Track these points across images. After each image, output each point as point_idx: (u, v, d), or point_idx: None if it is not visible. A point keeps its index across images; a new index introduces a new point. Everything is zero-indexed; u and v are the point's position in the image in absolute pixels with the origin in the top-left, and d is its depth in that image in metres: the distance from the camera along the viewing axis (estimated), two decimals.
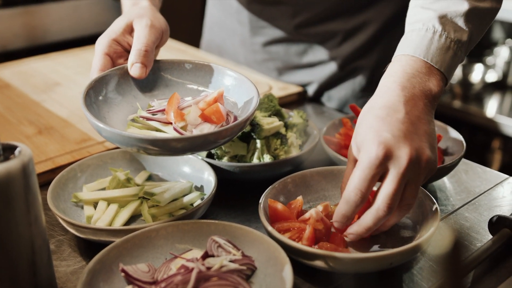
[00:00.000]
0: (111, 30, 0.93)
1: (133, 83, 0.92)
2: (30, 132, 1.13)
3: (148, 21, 0.91)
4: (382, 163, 0.72)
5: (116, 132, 0.77)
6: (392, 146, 0.73)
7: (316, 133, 1.04)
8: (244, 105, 0.89)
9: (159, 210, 0.86)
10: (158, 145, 0.76)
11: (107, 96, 0.89)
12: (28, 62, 1.56)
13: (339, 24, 1.34)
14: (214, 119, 0.84)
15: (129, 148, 0.79)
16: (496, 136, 2.44)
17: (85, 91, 0.85)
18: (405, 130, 0.74)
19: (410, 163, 0.72)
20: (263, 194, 0.84)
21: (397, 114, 0.76)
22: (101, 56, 0.91)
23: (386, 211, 0.73)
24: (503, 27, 2.74)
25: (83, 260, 0.80)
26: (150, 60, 0.91)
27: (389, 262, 0.72)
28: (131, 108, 0.91)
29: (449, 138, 1.03)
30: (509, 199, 0.94)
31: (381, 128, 0.75)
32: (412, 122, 0.75)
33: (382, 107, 0.77)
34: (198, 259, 0.71)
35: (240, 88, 0.92)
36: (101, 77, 0.89)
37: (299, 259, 0.74)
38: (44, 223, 0.67)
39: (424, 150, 0.74)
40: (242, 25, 1.42)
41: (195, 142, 0.77)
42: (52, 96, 1.32)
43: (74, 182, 0.92)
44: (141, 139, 0.76)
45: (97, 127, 0.79)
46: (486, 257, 0.76)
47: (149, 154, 0.80)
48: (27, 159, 0.63)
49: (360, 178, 0.74)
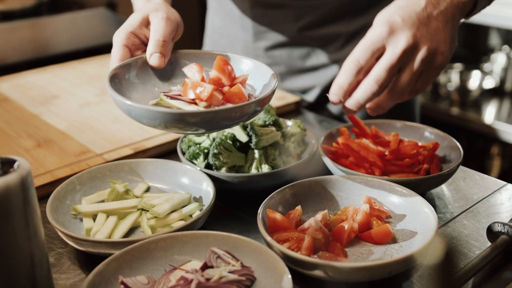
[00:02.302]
0: (128, 23, 0.95)
1: (152, 72, 0.95)
2: (29, 145, 1.14)
3: (164, 14, 0.94)
4: (383, 39, 0.80)
5: (150, 108, 0.78)
6: (397, 27, 0.80)
7: (314, 143, 1.05)
8: (263, 89, 0.91)
9: (158, 222, 0.86)
10: (189, 119, 0.78)
11: (129, 82, 0.92)
12: (26, 75, 1.56)
13: (341, 27, 1.36)
14: (237, 100, 0.86)
15: (157, 125, 0.80)
16: (494, 142, 2.45)
17: (110, 75, 0.87)
18: (416, 19, 0.81)
19: (408, 47, 0.79)
20: (262, 204, 0.84)
21: (416, 6, 0.82)
22: (120, 47, 0.93)
23: (374, 87, 0.80)
24: (499, 33, 2.75)
25: (83, 272, 0.80)
26: (168, 50, 0.93)
27: (388, 271, 0.72)
28: (151, 95, 0.93)
29: (446, 145, 1.03)
30: (507, 206, 0.95)
31: (395, 12, 0.82)
32: (427, 16, 0.82)
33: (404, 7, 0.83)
34: (197, 270, 0.72)
35: (257, 74, 0.94)
36: (123, 64, 0.91)
37: (298, 269, 0.74)
38: (43, 236, 0.67)
39: (428, 41, 0.80)
40: (245, 30, 1.43)
41: (220, 116, 0.79)
42: (50, 109, 1.32)
43: (73, 194, 0.92)
44: (173, 113, 0.77)
45: (126, 105, 0.80)
46: (485, 264, 0.76)
47: (178, 132, 0.82)
48: (25, 173, 0.63)
49: (360, 49, 0.81)
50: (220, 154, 0.95)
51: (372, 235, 0.83)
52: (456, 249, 0.83)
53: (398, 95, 0.83)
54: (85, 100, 1.37)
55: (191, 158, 0.99)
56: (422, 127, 1.08)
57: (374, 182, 0.90)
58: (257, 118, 1.04)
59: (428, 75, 0.85)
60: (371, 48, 0.80)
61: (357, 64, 0.81)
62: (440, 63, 0.84)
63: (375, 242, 0.83)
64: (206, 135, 1.03)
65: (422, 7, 0.83)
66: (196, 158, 0.99)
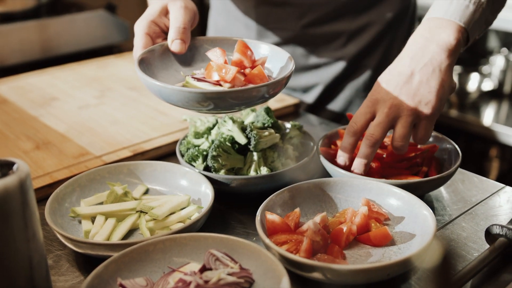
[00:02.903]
0: (148, 13, 0.99)
1: (174, 58, 0.99)
2: (28, 147, 1.14)
3: (182, 3, 0.98)
4: (373, 104, 0.93)
5: (182, 89, 0.83)
6: (383, 96, 0.93)
7: (313, 145, 1.05)
8: (280, 71, 0.96)
9: (156, 224, 0.86)
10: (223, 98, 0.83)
11: (154, 66, 0.95)
12: (25, 77, 1.56)
13: (343, 25, 1.39)
14: (258, 81, 0.90)
15: (187, 105, 0.85)
16: (493, 144, 2.45)
17: (138, 59, 0.91)
18: (400, 81, 0.92)
19: (391, 108, 0.92)
20: (260, 207, 0.84)
21: (402, 66, 0.94)
22: (143, 35, 0.97)
23: (368, 140, 0.92)
24: (498, 36, 2.75)
25: (81, 275, 0.80)
26: (188, 37, 0.98)
27: (387, 273, 0.72)
28: (175, 80, 0.96)
29: (445, 148, 1.03)
30: (505, 208, 0.95)
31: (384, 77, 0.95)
32: (411, 73, 0.93)
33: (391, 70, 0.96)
34: (196, 273, 0.72)
35: (274, 57, 0.98)
36: (149, 50, 0.95)
37: (296, 271, 0.74)
38: (42, 239, 0.67)
39: (408, 100, 0.91)
40: (249, 29, 1.44)
41: (250, 93, 0.84)
42: (49, 111, 1.32)
43: (71, 196, 0.92)
44: (206, 92, 0.82)
45: (157, 87, 0.84)
46: (483, 267, 0.76)
47: (204, 111, 0.86)
48: (24, 175, 0.63)
49: (356, 114, 0.95)
50: (219, 156, 0.95)
51: (370, 238, 0.83)
52: (454, 251, 0.83)
53: (401, 147, 0.93)
54: (84, 102, 1.37)
55: (190, 160, 0.99)
56: None
57: (372, 185, 0.90)
58: (256, 120, 1.04)
59: (423, 124, 0.93)
60: (365, 111, 0.94)
61: (353, 125, 0.94)
62: (428, 113, 0.92)
63: (373, 244, 0.83)
64: (205, 137, 1.03)
65: (406, 66, 0.94)
66: (195, 160, 0.99)
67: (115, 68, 1.62)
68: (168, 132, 1.20)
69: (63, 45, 1.97)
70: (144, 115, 1.29)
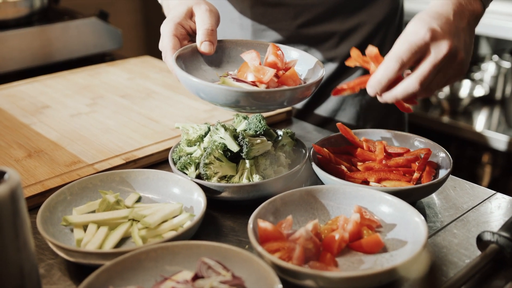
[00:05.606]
0: (174, 15, 1.02)
1: (202, 59, 1.04)
2: (19, 156, 1.13)
3: (207, 6, 1.03)
4: (427, 44, 0.86)
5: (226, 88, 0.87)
6: (438, 34, 0.86)
7: (304, 152, 1.05)
8: (308, 73, 1.02)
9: (149, 232, 0.86)
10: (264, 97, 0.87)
11: (186, 67, 0.99)
12: (16, 85, 1.56)
13: (336, 25, 1.41)
14: (291, 83, 0.94)
15: (227, 104, 0.89)
16: (484, 150, 2.46)
17: (175, 58, 0.95)
18: (451, 29, 0.88)
19: (448, 53, 0.86)
20: (252, 214, 0.84)
21: (446, 18, 0.89)
22: (171, 37, 1.00)
23: (416, 87, 0.87)
24: (489, 42, 2.77)
25: (73, 284, 0.80)
26: (215, 39, 1.02)
27: (379, 280, 0.72)
28: (206, 80, 0.98)
29: (436, 154, 1.04)
30: (496, 215, 0.95)
31: (431, 21, 0.88)
32: (457, 27, 0.89)
33: (433, 12, 0.90)
34: (188, 281, 0.71)
35: (303, 60, 1.03)
36: (183, 49, 0.99)
37: (289, 278, 0.74)
38: (33, 248, 0.67)
39: (461, 51, 0.88)
40: (244, 29, 1.45)
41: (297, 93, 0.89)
42: (41, 119, 1.32)
43: (63, 205, 0.92)
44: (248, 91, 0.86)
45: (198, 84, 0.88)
46: (475, 273, 0.77)
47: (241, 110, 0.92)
48: (15, 184, 0.63)
49: (404, 49, 0.86)
50: (211, 164, 0.95)
51: (362, 245, 0.83)
52: (446, 258, 0.83)
53: (430, 92, 0.91)
54: (76, 110, 1.37)
55: (182, 168, 0.99)
56: (412, 136, 1.08)
57: (364, 192, 0.90)
58: (248, 128, 1.05)
59: (452, 79, 0.93)
60: (415, 49, 0.86)
61: (400, 62, 0.87)
62: (464, 71, 0.92)
63: (365, 251, 0.83)
64: (197, 144, 1.03)
65: (451, 20, 0.90)
66: (187, 168, 0.99)
67: (107, 76, 1.62)
68: (160, 139, 1.20)
69: (56, 53, 1.97)
70: (136, 123, 1.29)
